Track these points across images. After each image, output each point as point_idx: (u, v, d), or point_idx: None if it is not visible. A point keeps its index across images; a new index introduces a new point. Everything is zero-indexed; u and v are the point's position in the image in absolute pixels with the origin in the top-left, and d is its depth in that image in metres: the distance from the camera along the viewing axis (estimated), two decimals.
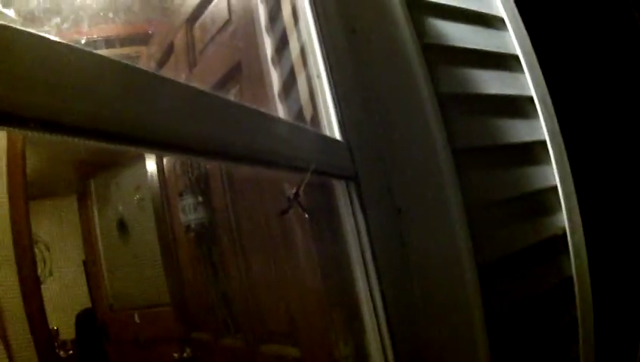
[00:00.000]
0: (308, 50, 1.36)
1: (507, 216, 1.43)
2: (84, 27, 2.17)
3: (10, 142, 1.88)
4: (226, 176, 1.86)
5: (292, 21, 1.47)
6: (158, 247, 2.32)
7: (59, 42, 0.59)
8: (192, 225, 2.02)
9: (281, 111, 1.49)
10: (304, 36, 1.38)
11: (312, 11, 1.32)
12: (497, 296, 1.28)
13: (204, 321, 2.18)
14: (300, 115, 1.39)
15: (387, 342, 1.19)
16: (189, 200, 2.02)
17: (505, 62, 1.65)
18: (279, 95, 1.50)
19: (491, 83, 1.54)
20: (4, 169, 1.88)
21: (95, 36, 2.20)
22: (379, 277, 1.18)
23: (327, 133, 1.24)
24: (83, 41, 2.12)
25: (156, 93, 0.71)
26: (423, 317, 1.24)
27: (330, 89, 1.25)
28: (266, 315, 1.76)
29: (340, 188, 1.21)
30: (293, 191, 1.03)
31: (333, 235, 1.29)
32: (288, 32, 1.49)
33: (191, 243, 2.12)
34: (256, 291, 1.81)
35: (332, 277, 1.38)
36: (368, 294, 1.19)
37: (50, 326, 2.01)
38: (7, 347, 1.75)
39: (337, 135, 1.22)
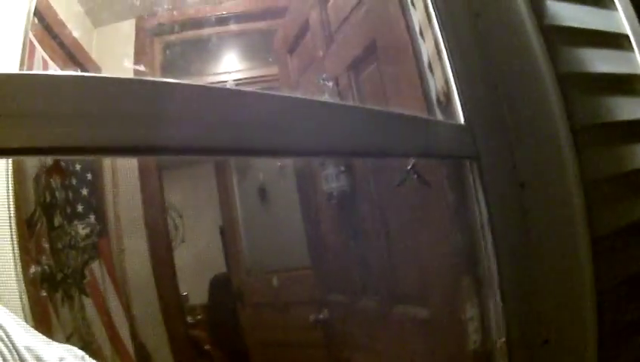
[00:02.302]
0: (427, 31, 1.45)
1: (620, 191, 1.49)
2: (218, 3, 2.30)
3: None
4: None
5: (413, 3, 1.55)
6: (298, 214, 2.41)
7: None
8: (334, 193, 2.13)
9: (415, 88, 1.58)
10: (423, 18, 1.47)
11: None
12: (607, 268, 1.35)
13: (342, 284, 2.28)
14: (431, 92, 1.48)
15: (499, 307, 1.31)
16: (331, 170, 2.12)
17: (617, 41, 1.69)
18: (411, 73, 1.58)
19: (606, 62, 1.59)
20: None
21: (226, 12, 2.32)
22: (496, 247, 1.28)
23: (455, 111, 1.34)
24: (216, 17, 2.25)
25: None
26: (538, 286, 1.34)
27: (452, 70, 1.34)
28: (400, 279, 1.87)
29: (463, 166, 1.31)
30: (409, 166, 1.11)
31: (460, 208, 1.40)
32: (412, 13, 1.57)
33: (332, 209, 2.22)
34: (392, 256, 1.92)
35: (460, 246, 1.48)
36: (488, 260, 1.30)
37: (181, 292, 2.11)
38: (130, 315, 1.86)
39: (460, 115, 1.31)
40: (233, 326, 2.39)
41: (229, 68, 2.49)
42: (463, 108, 1.30)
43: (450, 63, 1.34)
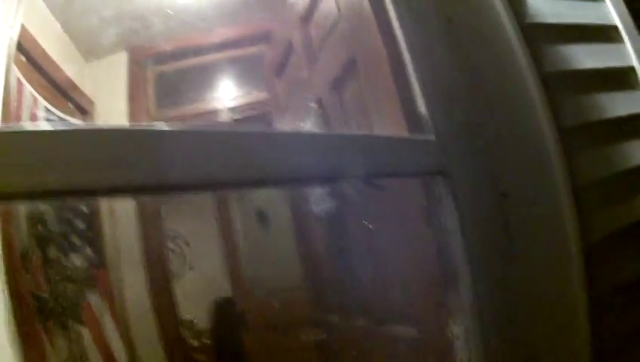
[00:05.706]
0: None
1: (613, 192, 1.42)
2: (202, 32, 2.30)
3: None
4: None
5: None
6: (294, 235, 2.41)
7: None
8: (322, 214, 2.11)
9: (396, 104, 1.50)
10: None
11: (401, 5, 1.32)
12: (602, 276, 1.27)
13: (336, 304, 2.26)
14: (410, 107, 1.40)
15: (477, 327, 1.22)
16: (318, 192, 2.11)
17: (605, 33, 1.61)
18: (391, 88, 1.51)
19: (594, 57, 1.51)
20: None
21: (219, 40, 2.33)
22: (470, 261, 1.19)
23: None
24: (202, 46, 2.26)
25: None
26: (525, 308, 1.25)
27: (418, 82, 1.26)
28: (389, 299, 1.82)
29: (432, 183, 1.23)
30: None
31: (431, 227, 1.33)
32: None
33: (322, 230, 2.21)
34: (381, 276, 1.88)
35: (441, 263, 1.41)
36: (466, 276, 1.22)
37: (187, 318, 2.12)
38: (131, 345, 1.85)
39: (430, 130, 1.24)
40: (237, 351, 2.40)
41: (223, 95, 2.50)
42: (432, 119, 1.23)
43: (416, 73, 1.26)
